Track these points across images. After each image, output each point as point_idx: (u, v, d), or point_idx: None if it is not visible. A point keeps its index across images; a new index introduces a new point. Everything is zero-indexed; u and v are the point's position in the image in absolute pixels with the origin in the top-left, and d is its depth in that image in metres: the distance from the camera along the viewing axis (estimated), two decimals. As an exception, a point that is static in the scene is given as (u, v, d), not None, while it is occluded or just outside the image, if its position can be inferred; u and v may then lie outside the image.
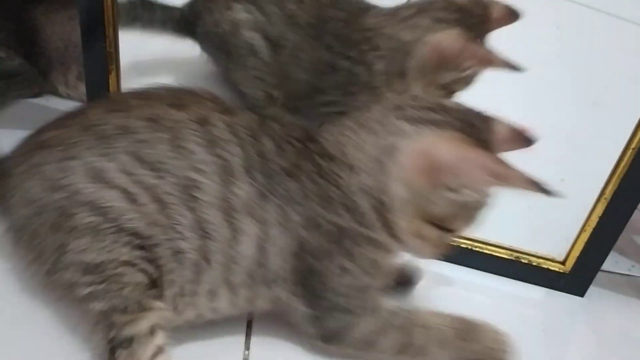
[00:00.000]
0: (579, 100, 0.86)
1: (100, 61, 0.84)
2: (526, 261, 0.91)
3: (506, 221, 0.92)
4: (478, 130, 0.61)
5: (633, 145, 0.83)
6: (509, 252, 0.91)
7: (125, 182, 0.57)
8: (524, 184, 0.58)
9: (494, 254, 0.91)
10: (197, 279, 0.60)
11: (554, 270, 0.91)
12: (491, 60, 0.75)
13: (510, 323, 0.83)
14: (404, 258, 0.72)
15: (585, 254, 0.89)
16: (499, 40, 0.81)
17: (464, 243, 0.91)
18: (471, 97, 0.64)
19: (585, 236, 0.88)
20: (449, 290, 0.87)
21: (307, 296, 0.63)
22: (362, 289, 0.64)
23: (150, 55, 0.90)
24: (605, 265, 0.90)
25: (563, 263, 0.91)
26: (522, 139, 0.62)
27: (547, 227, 0.92)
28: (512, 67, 0.74)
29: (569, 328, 0.89)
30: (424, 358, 0.67)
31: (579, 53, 0.85)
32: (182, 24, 0.90)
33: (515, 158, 0.59)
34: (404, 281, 0.80)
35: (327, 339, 0.65)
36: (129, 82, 0.83)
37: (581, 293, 0.92)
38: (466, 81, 0.79)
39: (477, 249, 0.91)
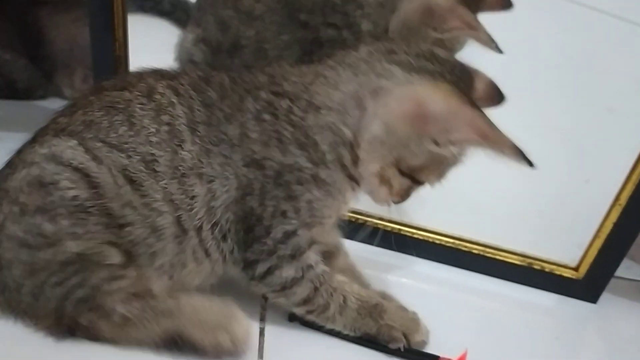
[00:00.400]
0: (592, 106, 0.86)
1: (109, 64, 0.84)
2: (539, 267, 0.90)
3: (518, 227, 0.92)
4: (464, 85, 0.61)
5: (648, 152, 0.82)
6: (521, 258, 0.91)
7: (109, 163, 0.60)
8: (507, 149, 0.57)
9: (506, 259, 0.90)
10: (182, 249, 0.63)
11: (567, 277, 0.90)
12: (476, 27, 0.73)
13: (522, 329, 0.83)
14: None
15: (598, 260, 0.88)
16: (507, 44, 0.81)
17: (476, 249, 0.90)
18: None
19: (599, 242, 0.87)
20: (460, 296, 0.86)
21: (243, 240, 0.64)
22: (292, 233, 0.64)
23: (159, 60, 0.89)
24: (616, 271, 0.90)
25: (576, 269, 0.91)
26: (495, 98, 0.63)
27: (560, 233, 0.91)
28: (494, 45, 0.72)
29: (582, 335, 0.88)
30: (324, 316, 0.67)
31: (590, 57, 0.85)
32: None
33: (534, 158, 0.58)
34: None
35: (252, 278, 0.66)
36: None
37: (594, 299, 0.91)
38: (444, 46, 0.76)
39: (489, 255, 0.90)
